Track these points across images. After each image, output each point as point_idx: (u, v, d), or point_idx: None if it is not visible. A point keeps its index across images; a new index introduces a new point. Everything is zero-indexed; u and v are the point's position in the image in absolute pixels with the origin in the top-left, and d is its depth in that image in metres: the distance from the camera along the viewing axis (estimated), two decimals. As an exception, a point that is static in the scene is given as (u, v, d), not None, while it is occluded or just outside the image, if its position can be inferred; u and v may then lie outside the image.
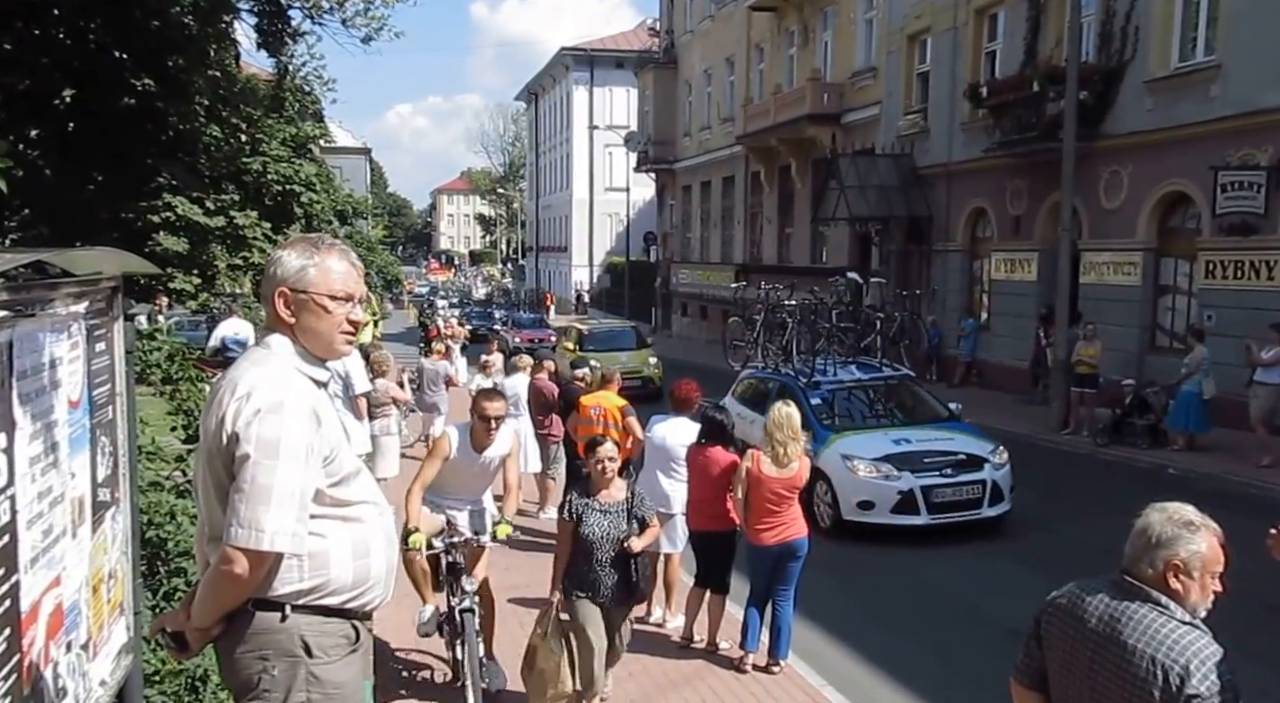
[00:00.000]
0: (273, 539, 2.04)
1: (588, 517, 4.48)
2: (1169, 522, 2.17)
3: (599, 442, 4.68)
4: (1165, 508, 2.22)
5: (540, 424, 8.81)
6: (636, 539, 4.50)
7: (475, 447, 4.81)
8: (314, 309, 2.20)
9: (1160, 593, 2.14)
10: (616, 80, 41.93)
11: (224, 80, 11.72)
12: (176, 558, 3.94)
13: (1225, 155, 11.96)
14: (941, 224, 18.20)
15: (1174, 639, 2.08)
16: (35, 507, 2.26)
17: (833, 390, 9.32)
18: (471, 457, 4.82)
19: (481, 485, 5.05)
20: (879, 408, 9.54)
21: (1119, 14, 13.79)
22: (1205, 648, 2.07)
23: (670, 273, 33.15)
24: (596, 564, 4.46)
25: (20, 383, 2.18)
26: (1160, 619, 2.12)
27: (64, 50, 9.00)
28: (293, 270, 2.20)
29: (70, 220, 10.06)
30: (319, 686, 2.19)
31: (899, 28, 19.29)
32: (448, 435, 4.84)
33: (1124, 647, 2.13)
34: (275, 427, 2.07)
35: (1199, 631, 2.11)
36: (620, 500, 4.57)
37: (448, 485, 4.90)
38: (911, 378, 10.03)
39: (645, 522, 4.60)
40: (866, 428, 8.91)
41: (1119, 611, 2.17)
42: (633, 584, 4.55)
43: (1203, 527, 2.17)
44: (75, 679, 2.49)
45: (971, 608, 6.59)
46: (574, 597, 4.48)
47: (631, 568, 4.50)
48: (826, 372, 9.58)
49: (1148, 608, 2.14)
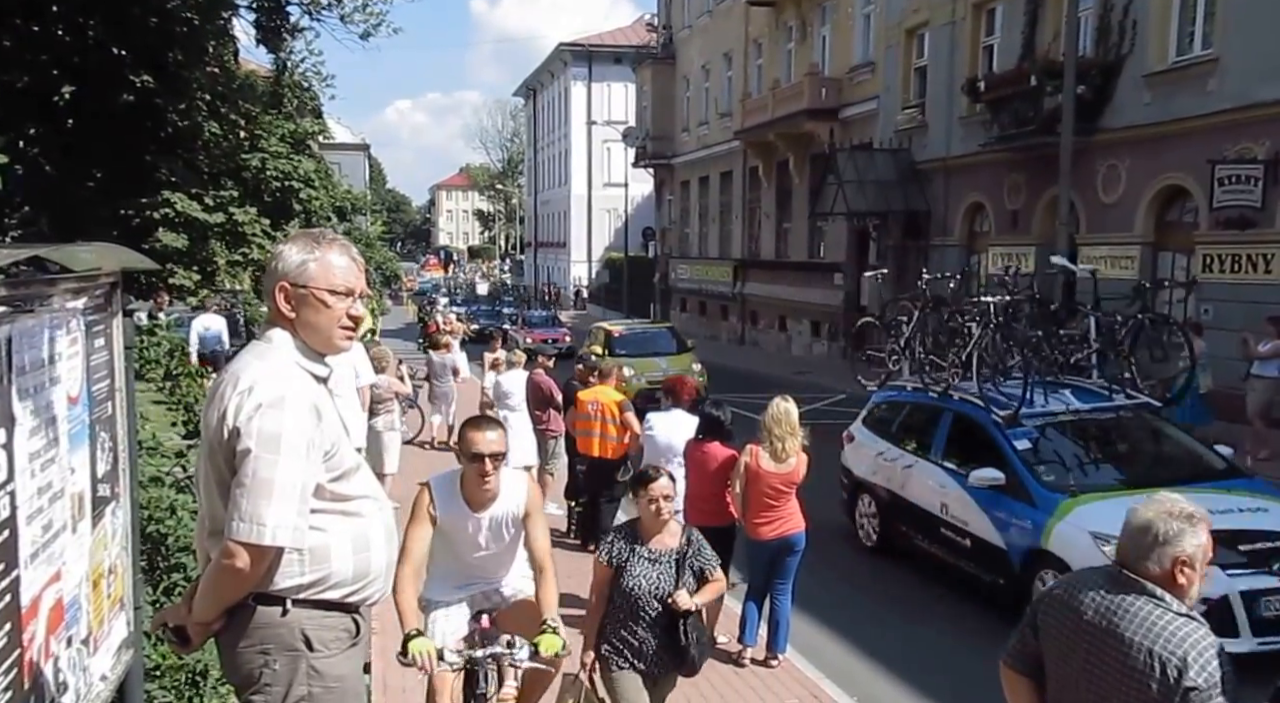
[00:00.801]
0: (274, 534, 2.06)
1: (633, 566, 3.65)
2: (1170, 517, 2.18)
3: (651, 477, 3.75)
4: (1159, 502, 2.22)
5: (538, 419, 8.82)
6: (685, 594, 3.62)
7: (471, 502, 3.39)
8: (314, 304, 2.21)
9: (1158, 586, 2.16)
10: (615, 76, 41.85)
11: (223, 77, 11.71)
12: (177, 553, 3.95)
13: (1223, 149, 11.95)
14: (939, 219, 18.20)
15: (1171, 631, 2.09)
16: (35, 502, 2.27)
17: (1043, 427, 6.48)
18: (468, 518, 3.39)
19: (494, 563, 3.54)
20: (1118, 457, 6.71)
21: (1117, 8, 13.77)
22: (1202, 639, 2.08)
23: (669, 268, 33.13)
24: (641, 624, 3.64)
25: (20, 379, 2.19)
26: (1157, 612, 2.13)
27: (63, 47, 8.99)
28: (293, 265, 2.21)
29: (70, 217, 10.05)
30: (320, 679, 2.21)
31: (897, 22, 19.25)
32: (427, 490, 3.41)
33: (1121, 639, 2.14)
34: (276, 421, 2.08)
35: (1195, 622, 2.12)
36: (673, 548, 3.72)
37: (443, 565, 3.50)
38: (1155, 409, 6.96)
39: (705, 575, 3.75)
40: (1112, 489, 5.97)
41: (1116, 604, 2.18)
42: (683, 649, 3.67)
43: (1200, 518, 2.19)
44: (76, 674, 2.50)
45: (967, 600, 6.61)
46: (612, 665, 3.67)
47: (681, 630, 3.65)
48: (1028, 399, 6.54)
49: (1144, 600, 2.15)
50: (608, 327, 18.02)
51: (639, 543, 3.71)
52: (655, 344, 16.31)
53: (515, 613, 3.55)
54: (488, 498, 3.39)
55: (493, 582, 3.60)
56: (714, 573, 3.79)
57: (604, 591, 3.72)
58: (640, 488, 3.75)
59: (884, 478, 7.40)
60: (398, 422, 8.65)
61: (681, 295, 32.07)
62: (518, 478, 3.60)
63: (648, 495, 3.69)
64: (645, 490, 3.71)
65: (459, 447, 3.41)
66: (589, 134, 41.42)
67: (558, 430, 8.66)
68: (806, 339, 23.76)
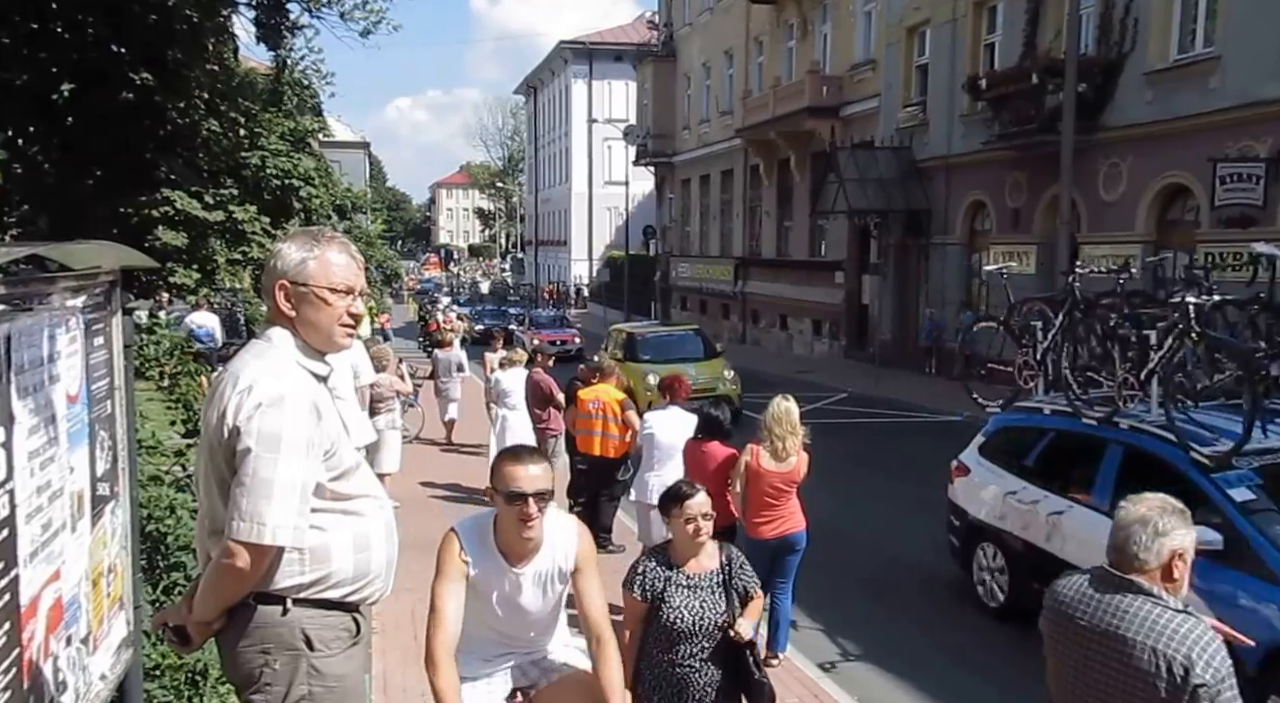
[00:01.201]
0: (274, 533, 2.05)
1: (671, 596, 3.18)
2: (1164, 512, 2.19)
3: (687, 493, 3.28)
4: (1147, 499, 2.23)
5: (538, 418, 8.81)
6: (745, 622, 3.25)
7: (509, 554, 2.70)
8: (314, 302, 2.20)
9: (1153, 584, 2.15)
10: (615, 74, 41.82)
11: (223, 74, 11.70)
12: (176, 552, 3.95)
13: (1224, 147, 11.94)
14: (940, 217, 18.18)
15: (1173, 629, 2.08)
16: (34, 501, 2.26)
17: (1266, 471, 4.76)
18: (504, 574, 2.71)
19: (535, 628, 2.84)
20: None
21: (1118, 6, 13.76)
22: (1204, 635, 2.08)
23: (670, 267, 33.12)
24: (686, 661, 3.17)
25: (19, 377, 2.18)
26: (1156, 610, 2.12)
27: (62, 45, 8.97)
28: (293, 263, 2.20)
29: (69, 215, 10.05)
30: (320, 678, 2.20)
31: (898, 20, 19.23)
32: (455, 538, 2.73)
33: (1123, 641, 2.12)
34: (276, 421, 2.08)
35: (1195, 619, 2.12)
36: (713, 570, 3.28)
37: (472, 632, 2.73)
38: None
39: (749, 594, 3.34)
40: None
41: (1113, 606, 2.17)
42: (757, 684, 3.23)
43: (1188, 515, 2.22)
44: (75, 674, 2.49)
45: (971, 599, 6.60)
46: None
47: (750, 663, 3.22)
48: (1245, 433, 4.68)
49: (1141, 600, 2.14)
50: (628, 329, 16.09)
51: (674, 569, 3.23)
52: (682, 349, 14.59)
53: (561, 692, 2.82)
54: (529, 549, 2.68)
55: (532, 651, 2.87)
56: (756, 590, 3.39)
57: (637, 627, 3.22)
58: (674, 506, 3.25)
59: (1018, 525, 5.86)
60: (398, 420, 8.65)
61: (682, 294, 32.06)
62: (565, 523, 2.81)
63: (684, 514, 3.21)
64: (680, 509, 3.22)
65: (492, 483, 2.69)
66: (590, 132, 41.39)
67: (558, 429, 8.65)
68: (808, 338, 23.75)
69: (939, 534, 8.11)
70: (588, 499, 7.68)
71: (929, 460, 10.20)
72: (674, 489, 3.39)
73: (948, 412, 14.00)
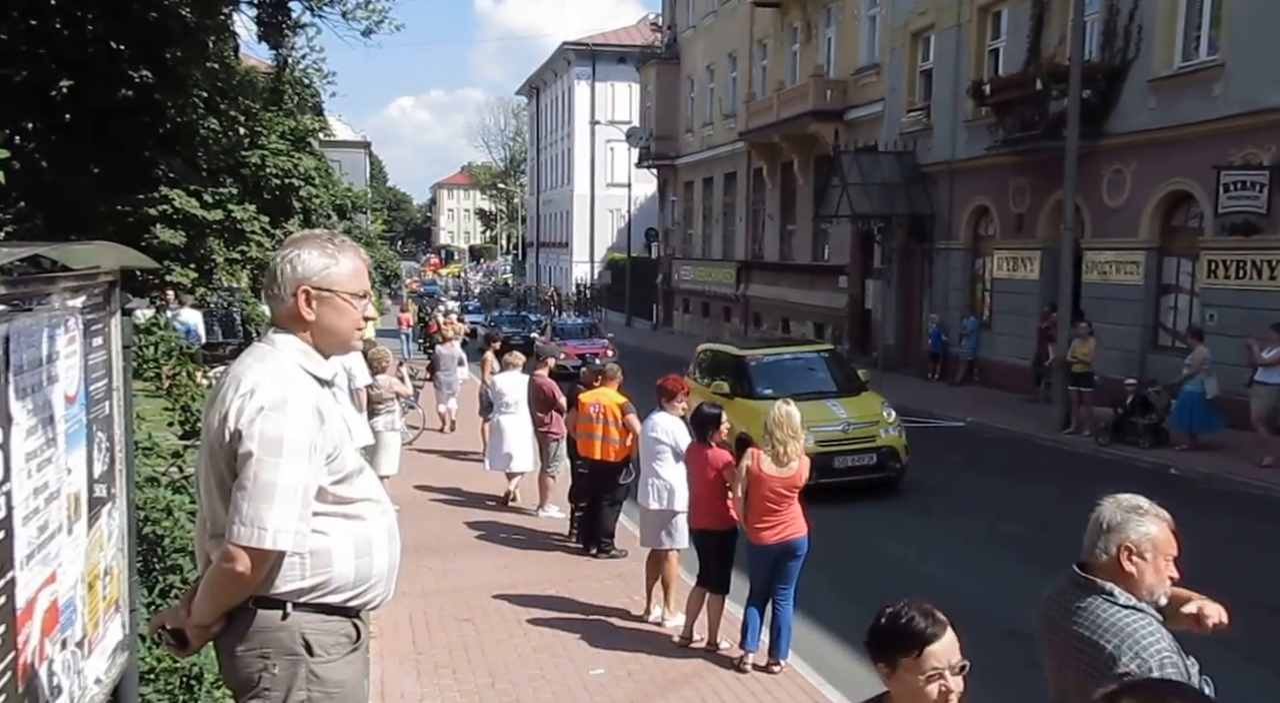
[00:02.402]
0: (275, 537, 2.05)
1: None
2: (1118, 508, 2.29)
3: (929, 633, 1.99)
4: (1116, 498, 2.33)
5: (540, 422, 8.77)
6: None
7: None
8: (338, 306, 2.24)
9: (1109, 581, 2.22)
10: (618, 75, 41.86)
11: (223, 73, 11.68)
12: (173, 554, 3.91)
13: (1228, 155, 11.92)
14: (944, 222, 18.17)
15: (1111, 622, 2.16)
16: (31, 502, 2.24)
17: None
18: None
19: None
20: None
21: (1122, 12, 13.75)
22: (1142, 629, 2.14)
23: (672, 269, 33.11)
24: None
25: (17, 378, 2.16)
26: (1106, 607, 2.20)
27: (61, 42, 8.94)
28: (316, 269, 2.22)
29: (66, 212, 10.01)
30: (320, 684, 2.19)
31: (902, 25, 19.23)
32: None
33: (1076, 637, 2.21)
34: (279, 424, 2.07)
35: (1140, 613, 2.18)
36: None
37: None
38: None
39: None
40: None
41: (1072, 604, 2.26)
42: None
43: (1151, 512, 2.29)
44: (70, 677, 2.47)
45: (971, 608, 6.56)
46: None
47: None
48: None
49: (1095, 598, 2.22)
50: (734, 351, 11.06)
51: None
52: (813, 378, 10.29)
53: None
54: None
55: None
56: None
57: None
58: (904, 650, 1.99)
59: None
60: (398, 422, 8.60)
61: (684, 297, 32.05)
62: None
63: (924, 667, 1.97)
64: (918, 658, 1.98)
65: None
66: (592, 134, 41.42)
67: (559, 433, 8.61)
68: (808, 341, 23.74)
69: (941, 542, 8.08)
70: (589, 503, 7.65)
71: (933, 467, 10.18)
72: (906, 625, 2.00)
73: (951, 418, 13.98)
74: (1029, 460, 11.59)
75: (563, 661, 5.46)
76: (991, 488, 10.16)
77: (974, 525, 8.67)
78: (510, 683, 5.13)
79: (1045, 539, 8.11)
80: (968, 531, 8.52)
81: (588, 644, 5.69)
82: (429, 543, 7.59)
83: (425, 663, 5.39)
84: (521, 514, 8.83)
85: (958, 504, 9.40)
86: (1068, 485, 10.15)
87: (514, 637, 5.81)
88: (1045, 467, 11.13)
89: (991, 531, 8.52)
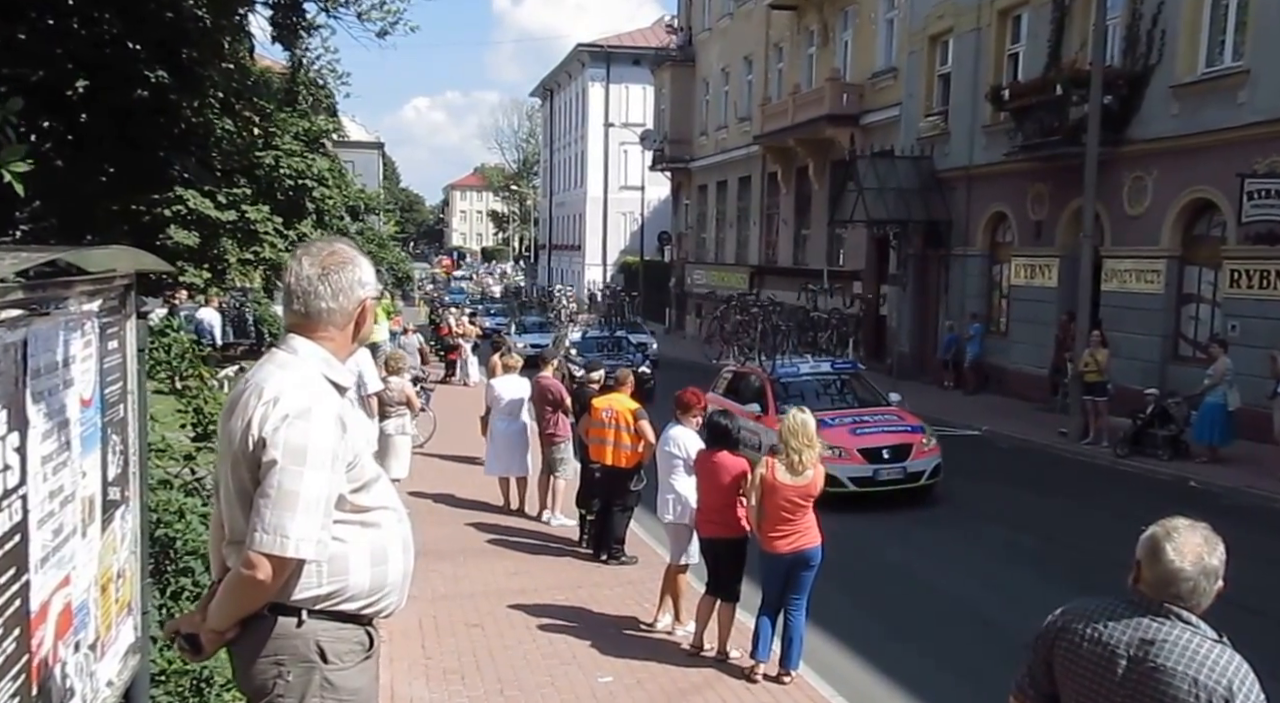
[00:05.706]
0: (297, 546, 2.06)
1: None
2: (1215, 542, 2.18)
3: None
4: (1196, 528, 2.20)
5: (545, 424, 8.71)
6: None
7: None
8: (371, 315, 2.37)
9: (1189, 612, 2.14)
10: (633, 78, 41.84)
11: (238, 73, 11.70)
12: (185, 557, 3.91)
13: (1252, 162, 11.77)
14: (961, 228, 18.04)
15: (1213, 660, 2.09)
16: (46, 506, 2.25)
17: None
18: None
19: None
20: None
21: (1145, 17, 13.61)
22: (1242, 667, 2.10)
23: (684, 273, 33.06)
24: None
25: (34, 382, 2.16)
26: (1196, 640, 2.12)
27: (77, 41, 8.98)
28: (371, 282, 2.31)
29: (80, 213, 10.05)
30: (333, 692, 2.19)
31: (920, 28, 19.13)
32: None
33: (1161, 669, 2.11)
34: (303, 433, 2.08)
35: (1231, 650, 2.13)
36: None
37: None
38: None
39: None
40: None
41: (1151, 633, 2.15)
42: None
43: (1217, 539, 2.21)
44: (83, 680, 2.47)
45: (986, 621, 6.49)
46: None
47: None
48: None
49: (1180, 628, 2.13)
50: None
51: None
52: None
53: None
54: None
55: None
56: None
57: None
58: None
59: None
60: (408, 426, 8.56)
61: (697, 301, 31.99)
62: None
63: None
64: None
65: None
66: (606, 136, 41.42)
67: (564, 435, 8.55)
68: (822, 347, 23.61)
69: (960, 554, 7.99)
70: (600, 509, 7.61)
71: (949, 477, 10.08)
72: None
73: (967, 426, 13.86)
74: (1046, 471, 11.48)
75: (572, 668, 5.42)
76: (1007, 499, 10.06)
77: (990, 538, 8.58)
78: (519, 690, 5.10)
79: (1060, 553, 8.02)
80: (984, 543, 8.44)
81: (597, 652, 5.66)
82: (438, 547, 7.56)
83: (434, 669, 5.36)
84: (531, 520, 8.80)
85: (974, 515, 9.31)
86: (1085, 498, 10.05)
87: (523, 643, 5.78)
88: (1062, 478, 11.01)
89: (1007, 543, 8.44)
